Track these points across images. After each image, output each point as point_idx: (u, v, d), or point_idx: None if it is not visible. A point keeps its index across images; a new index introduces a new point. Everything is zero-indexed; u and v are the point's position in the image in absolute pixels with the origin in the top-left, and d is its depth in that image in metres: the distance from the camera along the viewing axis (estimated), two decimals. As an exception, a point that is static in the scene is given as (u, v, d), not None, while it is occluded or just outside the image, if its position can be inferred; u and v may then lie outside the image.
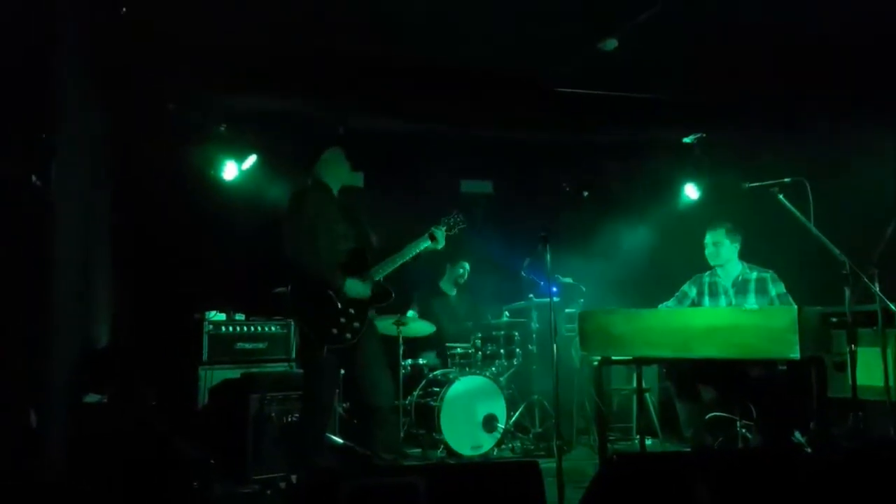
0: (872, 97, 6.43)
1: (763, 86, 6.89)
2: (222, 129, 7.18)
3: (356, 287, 4.98)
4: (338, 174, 5.26)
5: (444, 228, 5.37)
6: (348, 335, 4.93)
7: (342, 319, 4.93)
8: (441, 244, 5.33)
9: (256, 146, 7.36)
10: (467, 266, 7.95)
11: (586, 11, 5.70)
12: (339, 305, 4.93)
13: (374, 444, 5.01)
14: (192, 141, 7.07)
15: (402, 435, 6.56)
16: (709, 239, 5.88)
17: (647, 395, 7.03)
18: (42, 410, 4.78)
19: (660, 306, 5.93)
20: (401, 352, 6.76)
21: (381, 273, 5.12)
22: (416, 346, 7.38)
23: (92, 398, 5.28)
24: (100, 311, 6.34)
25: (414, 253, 5.24)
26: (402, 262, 5.21)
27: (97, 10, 5.28)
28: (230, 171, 7.30)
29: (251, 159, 7.38)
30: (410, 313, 7.42)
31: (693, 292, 5.97)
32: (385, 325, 6.37)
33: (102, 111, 6.02)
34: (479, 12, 5.73)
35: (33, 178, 4.69)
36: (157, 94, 6.55)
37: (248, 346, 6.49)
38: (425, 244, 5.27)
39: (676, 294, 6.04)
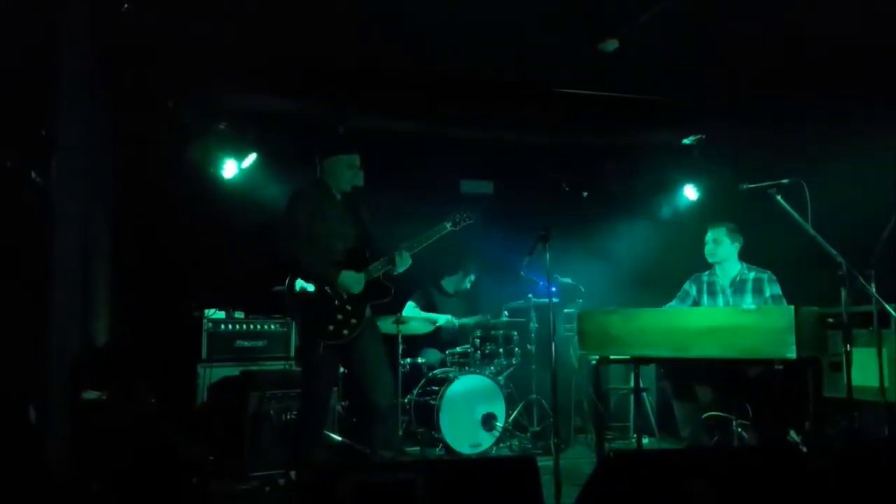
0: (870, 98, 6.44)
1: (761, 87, 6.91)
2: (222, 126, 7.16)
3: (350, 278, 4.94)
4: (339, 180, 5.15)
5: (407, 252, 5.12)
6: (345, 331, 4.90)
7: (339, 316, 4.91)
8: (400, 268, 5.13)
9: (256, 144, 7.35)
10: (473, 279, 7.98)
11: (587, 12, 5.72)
12: (336, 302, 4.92)
13: (372, 442, 5.02)
14: (191, 138, 7.06)
15: (401, 433, 6.58)
16: (709, 236, 5.91)
17: (644, 394, 7.05)
18: (41, 407, 4.79)
19: (666, 306, 5.96)
20: (400, 350, 6.78)
21: (379, 271, 5.07)
22: (415, 344, 7.40)
23: (91, 395, 5.29)
24: (99, 307, 6.34)
25: (378, 274, 5.08)
26: (384, 270, 5.11)
27: (98, 6, 5.29)
28: (230, 169, 7.29)
29: (251, 157, 7.36)
30: (408, 309, 7.45)
31: (693, 290, 6.00)
32: (384, 324, 6.37)
33: (103, 107, 6.03)
34: (479, 14, 5.74)
35: (33, 173, 4.70)
36: (157, 91, 6.55)
37: (247, 343, 6.50)
38: (387, 267, 5.11)
39: (678, 294, 6.08)
